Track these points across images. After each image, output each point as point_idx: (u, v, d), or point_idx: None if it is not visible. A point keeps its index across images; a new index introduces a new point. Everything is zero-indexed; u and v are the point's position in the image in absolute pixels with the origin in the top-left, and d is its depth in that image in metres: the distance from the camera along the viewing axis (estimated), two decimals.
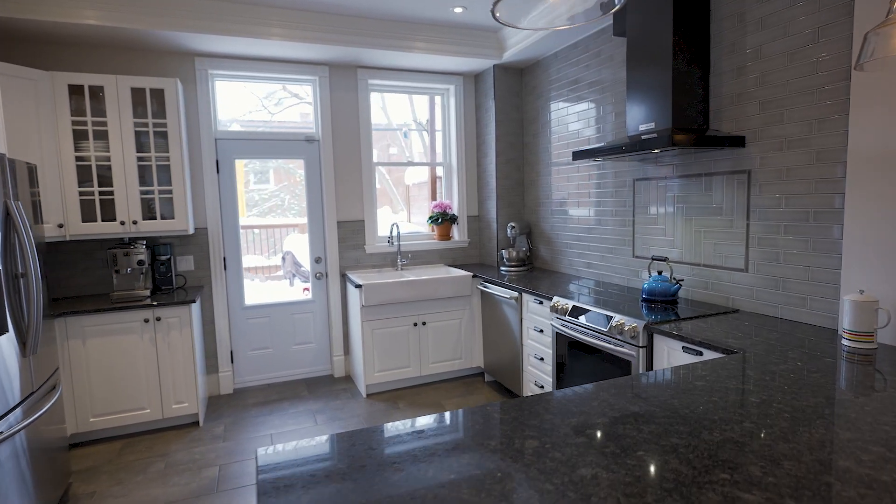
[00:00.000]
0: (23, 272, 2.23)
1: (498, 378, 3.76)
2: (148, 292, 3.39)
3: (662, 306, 2.61)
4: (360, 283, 3.64)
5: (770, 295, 2.35)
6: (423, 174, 4.74)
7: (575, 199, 3.72)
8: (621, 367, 2.42)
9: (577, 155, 2.90)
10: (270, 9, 3.42)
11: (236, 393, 3.95)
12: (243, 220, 4.00)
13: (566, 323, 2.81)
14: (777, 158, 2.28)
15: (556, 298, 2.93)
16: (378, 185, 4.41)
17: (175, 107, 3.36)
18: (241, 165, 4.01)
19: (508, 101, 4.25)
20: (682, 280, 2.71)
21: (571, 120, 3.67)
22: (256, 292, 4.18)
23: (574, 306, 2.76)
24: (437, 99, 4.57)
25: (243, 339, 4.03)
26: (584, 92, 3.53)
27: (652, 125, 2.61)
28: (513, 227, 4.10)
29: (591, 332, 2.61)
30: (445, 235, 4.54)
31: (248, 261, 4.09)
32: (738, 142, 2.40)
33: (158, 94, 3.37)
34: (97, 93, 3.24)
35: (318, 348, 4.25)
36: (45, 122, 3.07)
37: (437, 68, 4.25)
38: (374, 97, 4.36)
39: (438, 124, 4.61)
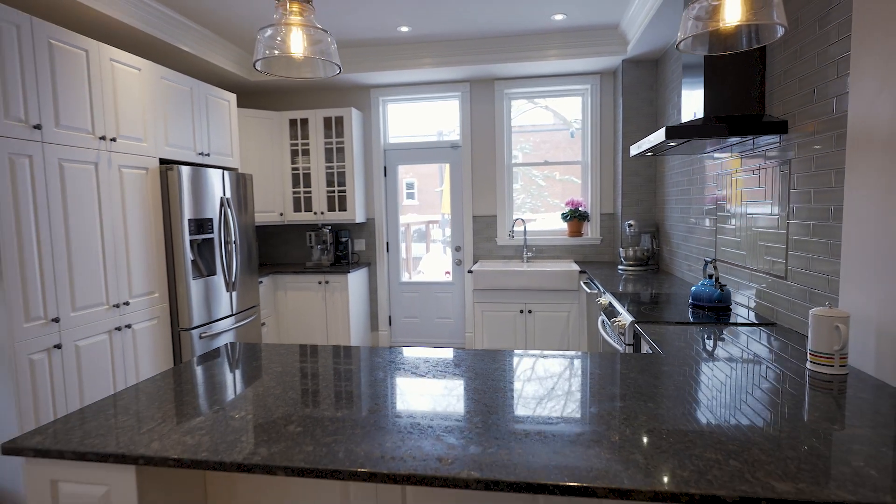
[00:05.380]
0: (228, 241, 3.64)
1: None
2: (329, 264, 4.71)
3: (709, 312, 2.40)
4: (471, 268, 4.20)
5: (803, 308, 1.97)
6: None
7: (678, 197, 3.44)
8: None
9: (630, 150, 2.83)
10: (422, 44, 4.28)
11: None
12: (403, 217, 5.02)
13: (603, 320, 2.81)
14: (809, 144, 1.91)
15: (604, 295, 2.93)
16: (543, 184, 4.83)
17: (350, 128, 4.56)
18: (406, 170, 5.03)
19: (639, 96, 4.09)
20: (725, 285, 2.39)
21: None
22: (409, 272, 5.16)
23: (610, 303, 2.75)
24: (579, 99, 4.68)
25: (399, 308, 5.07)
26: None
27: (693, 115, 2.41)
28: (630, 226, 3.98)
29: (607, 329, 2.60)
30: (577, 232, 4.64)
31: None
32: (780, 127, 2.06)
33: (339, 120, 4.63)
34: (304, 123, 4.69)
35: (455, 323, 4.97)
36: (276, 146, 4.65)
37: (570, 70, 4.40)
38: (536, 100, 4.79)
39: (579, 123, 4.71)
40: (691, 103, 2.45)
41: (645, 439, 1.09)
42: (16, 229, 2.25)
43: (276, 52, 1.38)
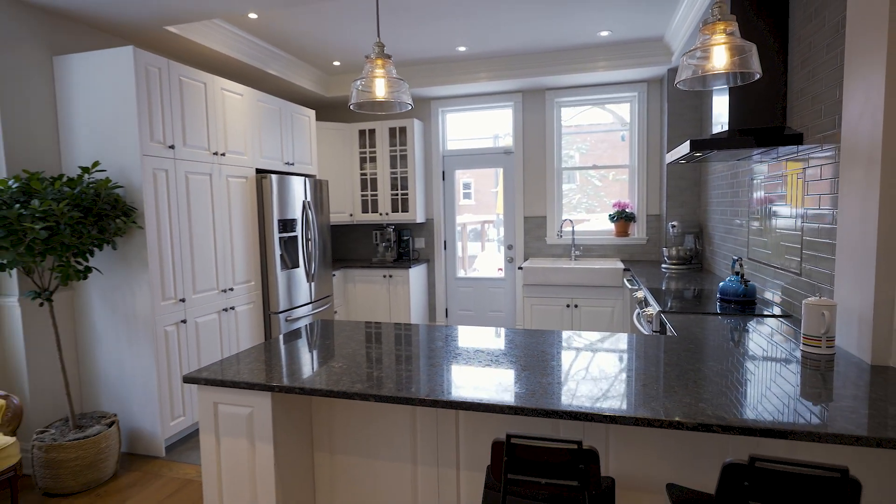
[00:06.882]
0: (308, 238, 4.22)
1: None
2: (392, 260, 5.22)
3: (734, 306, 2.66)
4: (522, 265, 4.56)
5: None
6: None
7: (719, 200, 3.64)
8: None
9: (666, 157, 3.09)
10: (477, 61, 4.69)
11: None
12: (459, 217, 5.46)
13: (638, 312, 3.10)
14: (818, 155, 2.15)
15: (641, 290, 3.21)
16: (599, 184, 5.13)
17: (412, 137, 5.05)
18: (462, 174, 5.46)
19: (684, 103, 4.29)
20: (749, 281, 2.63)
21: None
22: (465, 268, 5.57)
23: (645, 296, 3.04)
24: (627, 105, 4.92)
25: (454, 302, 5.50)
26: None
27: (721, 127, 2.67)
28: (674, 226, 4.19)
29: (640, 320, 2.89)
30: (623, 232, 4.89)
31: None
32: (796, 139, 2.30)
33: (403, 130, 5.13)
34: (372, 133, 5.22)
35: (506, 317, 5.35)
36: (347, 154, 5.22)
37: (617, 80, 4.66)
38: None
39: (628, 128, 4.95)
40: (719, 115, 2.71)
41: (640, 388, 1.45)
42: (156, 228, 2.87)
43: (363, 98, 1.83)
